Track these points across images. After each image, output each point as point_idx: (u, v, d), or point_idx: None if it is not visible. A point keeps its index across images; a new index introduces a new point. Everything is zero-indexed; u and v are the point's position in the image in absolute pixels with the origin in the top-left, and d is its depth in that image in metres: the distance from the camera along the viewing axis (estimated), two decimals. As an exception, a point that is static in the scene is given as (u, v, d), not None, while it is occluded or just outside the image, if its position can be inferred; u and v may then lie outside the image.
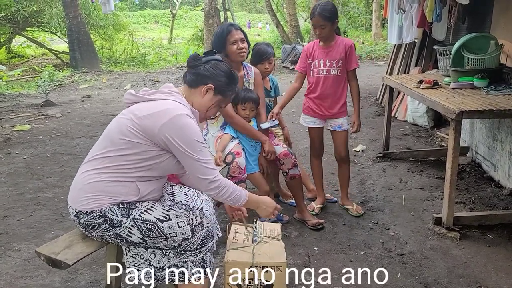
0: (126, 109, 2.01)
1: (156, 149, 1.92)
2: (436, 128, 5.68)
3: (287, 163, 3.18)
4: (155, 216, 1.93)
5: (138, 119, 1.89)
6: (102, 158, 1.93)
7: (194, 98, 2.06)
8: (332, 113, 3.37)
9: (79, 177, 1.98)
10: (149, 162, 1.93)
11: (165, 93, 1.99)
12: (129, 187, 1.93)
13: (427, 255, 2.86)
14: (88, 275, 2.68)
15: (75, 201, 1.95)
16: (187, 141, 1.88)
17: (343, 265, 2.77)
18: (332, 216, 3.45)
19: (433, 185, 3.98)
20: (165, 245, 1.95)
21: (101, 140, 2.02)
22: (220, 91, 2.08)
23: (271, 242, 2.31)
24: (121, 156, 1.91)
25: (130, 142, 1.90)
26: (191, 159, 1.90)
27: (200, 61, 2.08)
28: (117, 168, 1.91)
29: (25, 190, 4.04)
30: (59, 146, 5.41)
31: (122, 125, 1.92)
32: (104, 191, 1.90)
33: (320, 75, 3.31)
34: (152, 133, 1.88)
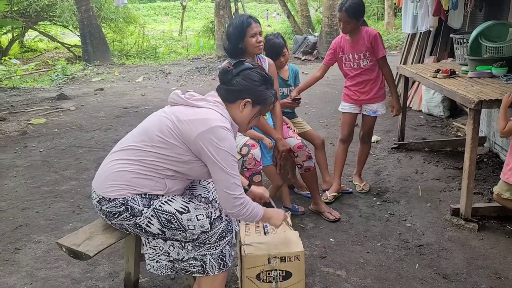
0: (169, 108, 2.01)
1: (190, 155, 1.92)
2: (451, 118, 5.61)
3: (301, 156, 3.16)
4: (174, 208, 1.94)
5: (178, 122, 1.90)
6: (136, 150, 1.94)
7: (234, 112, 2.03)
8: (368, 98, 3.49)
9: (108, 164, 2.00)
10: (181, 165, 1.94)
11: (210, 103, 1.97)
12: (157, 182, 1.94)
13: (445, 246, 2.84)
14: (107, 266, 2.72)
15: (100, 187, 1.97)
16: (220, 153, 1.86)
17: (360, 256, 2.76)
18: (348, 207, 3.44)
19: (449, 175, 3.93)
20: (184, 237, 1.96)
21: (137, 132, 2.02)
22: (259, 101, 2.03)
23: (285, 232, 2.31)
24: (155, 153, 1.92)
25: (166, 142, 1.90)
26: (221, 171, 1.88)
27: (232, 74, 2.02)
28: (149, 163, 1.92)
29: (43, 183, 4.09)
30: (74, 139, 5.46)
31: (162, 123, 1.93)
32: (130, 182, 1.92)
33: (352, 68, 3.46)
34: (189, 139, 1.88)
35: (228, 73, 2.02)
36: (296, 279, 2.18)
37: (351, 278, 2.54)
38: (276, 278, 2.16)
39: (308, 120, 5.73)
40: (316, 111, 6.44)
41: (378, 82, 3.47)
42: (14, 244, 3.03)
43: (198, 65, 11.44)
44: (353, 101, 3.54)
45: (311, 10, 18.51)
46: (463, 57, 4.12)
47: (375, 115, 3.56)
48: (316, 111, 6.42)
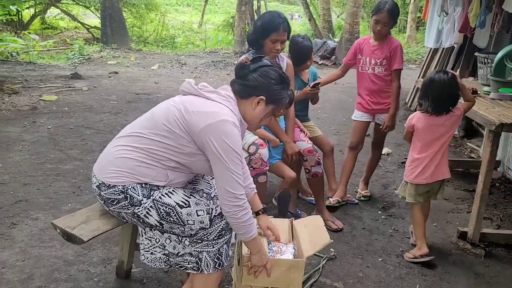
0: (179, 98, 1.94)
1: (194, 147, 1.85)
2: (466, 138, 5.49)
3: (310, 160, 3.09)
4: (175, 201, 1.88)
5: (186, 112, 1.83)
6: (140, 138, 1.88)
7: (246, 109, 1.95)
8: (379, 108, 3.44)
9: (111, 149, 1.94)
10: (184, 157, 1.87)
11: (221, 96, 1.90)
12: (158, 172, 1.88)
13: (449, 269, 2.75)
14: (100, 252, 2.67)
15: (101, 171, 1.91)
16: (225, 148, 1.79)
17: (360, 270, 2.68)
18: (351, 218, 3.35)
19: (459, 197, 3.83)
20: (182, 231, 1.90)
21: (144, 119, 1.97)
22: (273, 100, 1.95)
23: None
24: (160, 143, 1.85)
25: (171, 132, 1.84)
26: (224, 167, 1.81)
27: (248, 70, 1.94)
28: (152, 152, 1.86)
29: (47, 160, 4.06)
30: (83, 119, 5.43)
31: (170, 112, 1.87)
32: (132, 169, 1.86)
33: (366, 72, 3.41)
34: (194, 131, 1.81)
35: (245, 68, 1.95)
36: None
37: (348, 292, 2.47)
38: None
39: (319, 125, 5.63)
40: (329, 117, 6.35)
41: (390, 94, 3.40)
42: (12, 218, 2.99)
43: (215, 58, 11.39)
44: (366, 110, 3.50)
45: (333, 15, 18.37)
46: (486, 77, 4.01)
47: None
48: (328, 117, 6.33)
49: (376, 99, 3.42)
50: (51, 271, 2.46)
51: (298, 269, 2.06)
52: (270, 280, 2.05)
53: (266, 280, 2.04)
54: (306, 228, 2.29)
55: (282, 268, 2.05)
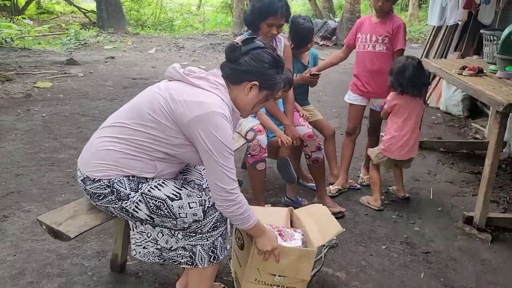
0: (164, 84, 1.81)
1: (182, 138, 1.74)
2: (470, 119, 5.36)
3: (310, 146, 2.97)
4: (165, 193, 1.78)
5: (172, 102, 1.70)
6: (124, 128, 1.77)
7: (238, 95, 1.82)
8: (376, 91, 3.29)
9: (94, 141, 1.83)
10: (173, 148, 1.76)
11: (210, 84, 1.77)
12: (146, 164, 1.77)
13: (454, 256, 2.66)
14: (95, 244, 2.58)
15: (85, 165, 1.81)
16: (214, 142, 1.68)
17: (362, 258, 2.60)
18: (354, 204, 3.26)
19: (464, 179, 3.73)
20: (174, 225, 1.80)
21: (127, 108, 1.85)
22: (267, 85, 1.82)
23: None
24: (145, 133, 1.74)
25: (157, 122, 1.72)
26: (214, 161, 1.70)
27: (239, 52, 1.80)
28: (138, 144, 1.75)
29: (40, 149, 3.96)
30: (78, 106, 5.31)
31: (154, 100, 1.74)
32: (118, 162, 1.75)
33: (366, 50, 3.25)
34: (182, 122, 1.69)
35: (236, 50, 1.81)
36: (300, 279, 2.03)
37: (351, 282, 2.38)
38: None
39: (320, 108, 5.51)
40: (329, 99, 6.21)
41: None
42: (3, 211, 2.90)
43: (213, 41, 11.18)
44: (361, 93, 3.35)
45: (333, -6, 17.96)
46: (492, 55, 3.86)
47: (380, 111, 3.32)
48: (329, 100, 6.19)
49: (374, 81, 3.26)
50: (43, 265, 2.38)
51: (308, 259, 1.98)
52: (278, 268, 1.96)
53: (274, 267, 1.96)
54: (311, 217, 2.20)
55: (292, 257, 1.97)
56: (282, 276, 1.98)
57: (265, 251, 1.89)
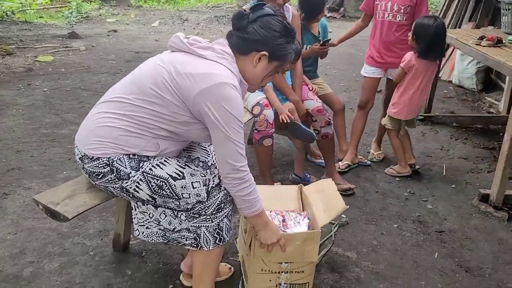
0: (168, 56, 1.68)
1: (188, 115, 1.61)
2: (484, 92, 5.18)
3: (320, 121, 2.84)
4: (167, 172, 1.67)
5: (177, 75, 1.57)
6: (125, 104, 1.64)
7: (246, 66, 1.68)
8: (394, 62, 3.12)
9: (93, 116, 1.72)
10: (178, 126, 1.64)
11: (217, 54, 1.63)
12: (148, 142, 1.66)
13: (470, 235, 2.56)
14: (97, 223, 2.51)
15: (82, 142, 1.70)
16: (225, 115, 1.55)
17: (374, 238, 2.51)
18: (364, 181, 3.15)
19: (478, 155, 3.60)
20: (177, 205, 1.70)
21: (128, 81, 1.72)
22: (277, 56, 1.68)
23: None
24: (148, 110, 1.62)
25: (161, 98, 1.60)
26: (224, 137, 1.58)
27: (247, 20, 1.64)
28: (140, 120, 1.63)
29: (41, 125, 3.86)
30: (80, 81, 5.18)
31: (158, 74, 1.61)
32: (117, 139, 1.64)
33: (385, 19, 3.07)
34: (188, 97, 1.56)
35: (244, 18, 1.66)
36: (307, 274, 1.94)
37: (361, 262, 2.29)
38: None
39: (328, 82, 5.33)
40: (338, 72, 6.04)
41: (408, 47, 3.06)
42: (3, 188, 2.83)
43: (218, 13, 10.90)
44: (378, 64, 3.19)
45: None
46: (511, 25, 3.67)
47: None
48: (337, 73, 6.01)
49: (391, 51, 3.11)
50: (44, 244, 2.31)
51: (313, 241, 1.87)
52: (284, 255, 1.86)
53: (280, 255, 1.86)
54: (319, 195, 2.09)
55: (297, 243, 1.85)
56: (289, 262, 1.89)
57: (269, 244, 1.79)
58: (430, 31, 2.80)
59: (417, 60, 2.91)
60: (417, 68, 2.93)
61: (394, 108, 3.09)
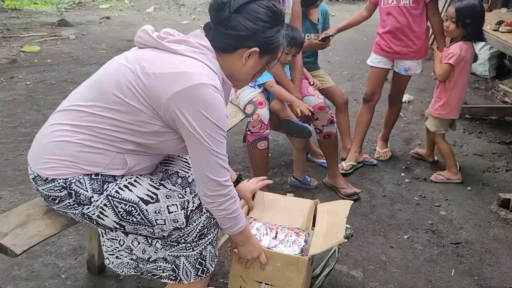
0: (134, 53, 1.39)
1: (160, 124, 1.33)
2: (497, 80, 4.85)
3: (322, 119, 2.55)
4: (137, 195, 1.39)
5: (145, 76, 1.29)
6: (83, 113, 1.36)
7: (233, 66, 1.41)
8: (401, 52, 2.83)
9: (47, 128, 1.43)
10: (148, 137, 1.36)
11: (193, 48, 1.34)
12: (113, 158, 1.38)
13: (490, 247, 2.29)
14: (72, 239, 2.24)
15: (35, 160, 1.42)
16: (204, 123, 1.28)
17: (382, 252, 2.23)
18: (370, 183, 2.87)
19: (495, 151, 3.30)
20: (151, 233, 1.43)
21: (87, 85, 1.43)
22: (268, 50, 1.40)
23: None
24: (110, 119, 1.33)
25: (126, 104, 1.31)
26: (203, 148, 1.31)
27: (229, 10, 1.34)
28: (101, 133, 1.35)
29: (21, 123, 3.58)
30: (67, 72, 4.88)
31: (121, 76, 1.32)
32: (75, 157, 1.35)
33: (390, 5, 2.76)
34: (159, 102, 1.28)
35: (225, 9, 1.35)
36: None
37: (368, 282, 2.03)
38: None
39: (331, 70, 5.04)
40: (341, 60, 5.70)
41: (420, 34, 2.78)
42: (-28, 197, 2.57)
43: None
44: (385, 53, 2.89)
45: None
46: (531, 7, 3.33)
47: (406, 74, 2.92)
48: (340, 60, 5.68)
49: (399, 39, 2.80)
50: (10, 266, 2.04)
51: (298, 269, 1.62)
52: (263, 275, 1.64)
53: (259, 274, 1.65)
54: (329, 217, 1.81)
55: (277, 264, 1.63)
56: (269, 284, 1.65)
57: (249, 259, 1.59)
58: (477, 10, 2.59)
59: (465, 50, 2.65)
60: (467, 59, 2.67)
61: (443, 109, 2.79)
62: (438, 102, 2.80)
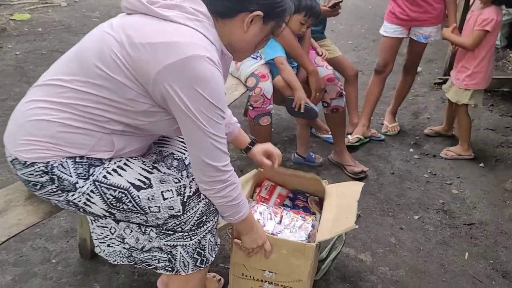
0: (120, 20, 1.20)
1: (149, 102, 1.17)
2: (508, 49, 4.64)
3: (331, 91, 2.38)
4: (128, 180, 1.25)
5: (131, 46, 1.12)
6: (64, 88, 1.19)
7: (233, 33, 1.23)
8: (419, 18, 2.64)
9: (22, 106, 1.27)
10: (136, 117, 1.20)
11: (187, 14, 1.16)
12: (99, 139, 1.22)
13: (505, 228, 2.17)
14: (63, 220, 2.11)
15: (11, 141, 1.27)
16: (199, 101, 1.12)
17: (391, 234, 2.12)
18: (377, 160, 2.73)
19: (508, 125, 3.16)
20: (144, 220, 1.30)
21: (68, 56, 1.26)
22: (274, 14, 1.22)
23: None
24: (94, 96, 1.17)
25: (110, 79, 1.15)
26: (198, 130, 1.15)
27: None
28: (85, 111, 1.18)
29: (9, 96, 3.40)
30: (59, 42, 4.65)
31: (105, 46, 1.15)
32: (56, 138, 1.20)
33: None
34: (147, 76, 1.12)
35: None
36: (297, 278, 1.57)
37: (378, 267, 1.91)
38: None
39: (335, 40, 4.81)
40: (345, 28, 5.46)
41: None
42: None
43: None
44: (401, 22, 2.69)
45: None
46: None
47: (426, 42, 2.75)
48: (344, 29, 5.44)
49: (418, 5, 2.61)
50: (-3, 250, 1.93)
51: (304, 256, 1.50)
52: (266, 263, 1.53)
53: (262, 262, 1.54)
54: (338, 199, 1.68)
55: (282, 251, 1.51)
56: (273, 272, 1.53)
57: (254, 248, 1.47)
58: None
59: (497, 10, 2.49)
60: (498, 21, 2.49)
61: (471, 79, 2.61)
62: (465, 72, 2.62)
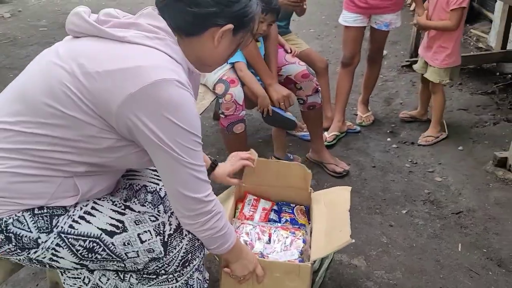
0: (67, 46, 1.04)
1: (115, 137, 1.02)
2: (468, 24, 4.66)
3: (306, 88, 2.26)
4: (98, 227, 1.10)
5: (86, 77, 0.96)
6: (10, 132, 1.02)
7: (202, 49, 1.09)
8: (379, 5, 2.56)
9: None
10: (100, 154, 1.04)
11: (146, 32, 1.01)
12: (59, 185, 1.05)
13: (493, 213, 2.14)
14: (30, 261, 1.92)
15: None
16: (172, 130, 0.98)
17: (381, 233, 2.04)
18: (356, 153, 2.65)
19: (479, 104, 3.15)
20: (122, 267, 1.15)
21: (8, 97, 1.08)
22: (243, 24, 1.09)
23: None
24: (49, 138, 1.00)
25: (65, 117, 0.98)
26: (174, 161, 1.01)
27: None
28: (40, 156, 1.02)
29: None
30: (5, 57, 4.33)
31: (53, 79, 0.99)
32: (7, 190, 1.03)
33: None
34: (108, 109, 0.96)
35: None
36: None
37: (373, 272, 1.83)
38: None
39: (297, 29, 4.68)
40: (305, 17, 5.27)
41: None
42: None
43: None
44: (360, 10, 2.60)
45: None
46: None
47: (387, 29, 2.69)
48: (304, 17, 5.24)
49: None
50: (-43, 305, 1.72)
51: (299, 277, 1.39)
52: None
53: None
54: (327, 209, 1.58)
55: (275, 274, 1.39)
56: None
57: (245, 275, 1.34)
58: None
59: None
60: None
61: (450, 57, 2.60)
62: (445, 52, 2.59)
